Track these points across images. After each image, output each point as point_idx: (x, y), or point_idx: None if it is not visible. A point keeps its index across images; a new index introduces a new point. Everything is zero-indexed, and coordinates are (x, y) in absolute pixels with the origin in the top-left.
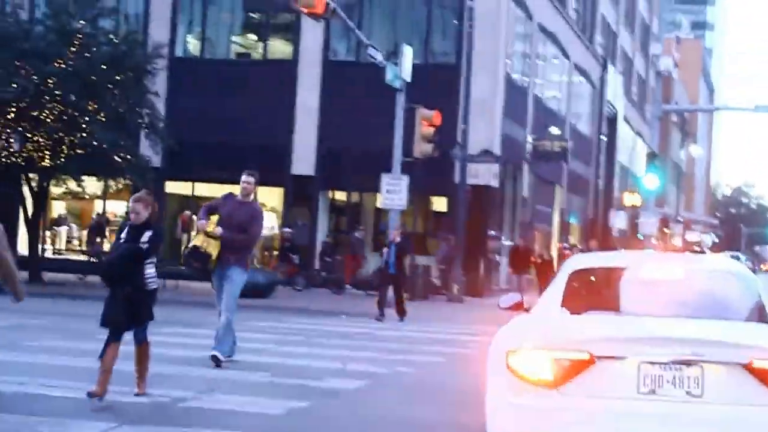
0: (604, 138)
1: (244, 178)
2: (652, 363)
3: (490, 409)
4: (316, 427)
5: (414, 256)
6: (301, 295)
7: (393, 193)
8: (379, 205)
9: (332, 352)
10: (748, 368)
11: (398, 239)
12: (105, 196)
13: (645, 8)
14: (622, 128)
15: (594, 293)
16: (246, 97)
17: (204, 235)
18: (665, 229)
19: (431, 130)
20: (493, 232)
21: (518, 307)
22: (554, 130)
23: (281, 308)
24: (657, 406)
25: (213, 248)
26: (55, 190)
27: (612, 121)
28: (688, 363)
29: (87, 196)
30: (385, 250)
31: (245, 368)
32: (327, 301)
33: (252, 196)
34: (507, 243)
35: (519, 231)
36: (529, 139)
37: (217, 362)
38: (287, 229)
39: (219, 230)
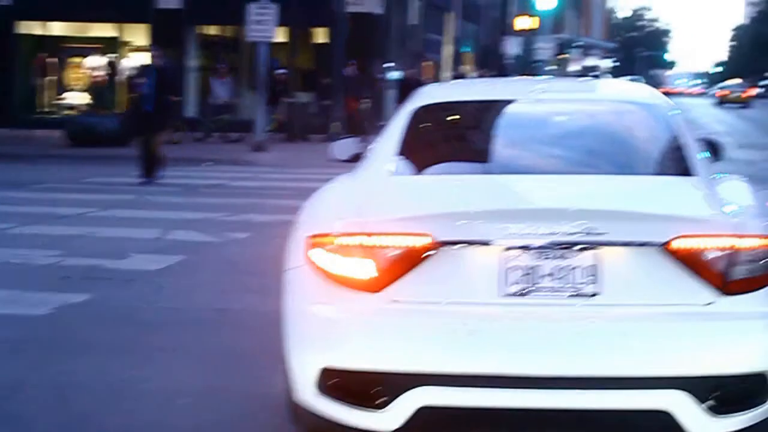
0: None
1: None
2: (524, 248)
3: (288, 320)
4: (65, 338)
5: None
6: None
7: (261, 23)
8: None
9: (160, 215)
10: (668, 249)
11: (160, 63)
12: None
13: None
14: None
15: (446, 140)
16: None
17: None
18: (563, 55)
19: None
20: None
21: (358, 158)
22: None
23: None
24: (531, 313)
25: None
26: None
27: None
28: (577, 246)
29: None
30: (142, 80)
31: (36, 245)
32: (209, 150)
33: None
34: (396, 75)
35: (408, 62)
36: None
37: None
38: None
39: None
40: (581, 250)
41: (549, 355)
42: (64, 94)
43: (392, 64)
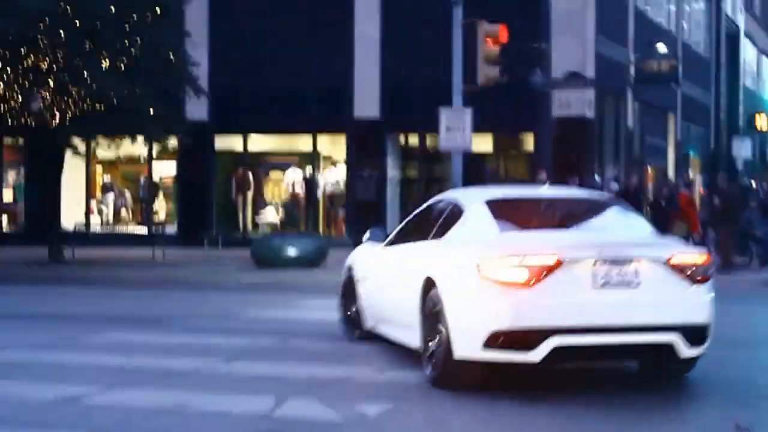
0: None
1: None
2: (604, 262)
3: (463, 309)
4: None
5: None
6: None
7: (454, 130)
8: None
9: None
10: (669, 263)
11: None
12: (150, 157)
13: None
14: (745, 47)
15: (512, 216)
16: (298, 31)
17: None
18: None
19: (496, 50)
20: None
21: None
22: (661, 48)
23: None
24: (610, 294)
25: None
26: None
27: (733, 39)
28: (629, 261)
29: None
30: None
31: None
32: None
33: None
34: (614, 185)
35: (627, 169)
36: (632, 59)
37: None
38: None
39: None
40: (630, 263)
41: (617, 313)
42: (262, 211)
43: (613, 174)
